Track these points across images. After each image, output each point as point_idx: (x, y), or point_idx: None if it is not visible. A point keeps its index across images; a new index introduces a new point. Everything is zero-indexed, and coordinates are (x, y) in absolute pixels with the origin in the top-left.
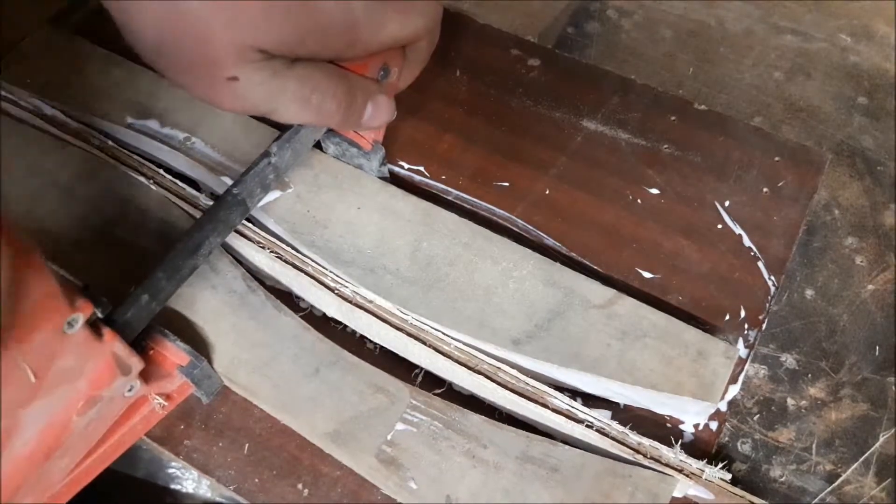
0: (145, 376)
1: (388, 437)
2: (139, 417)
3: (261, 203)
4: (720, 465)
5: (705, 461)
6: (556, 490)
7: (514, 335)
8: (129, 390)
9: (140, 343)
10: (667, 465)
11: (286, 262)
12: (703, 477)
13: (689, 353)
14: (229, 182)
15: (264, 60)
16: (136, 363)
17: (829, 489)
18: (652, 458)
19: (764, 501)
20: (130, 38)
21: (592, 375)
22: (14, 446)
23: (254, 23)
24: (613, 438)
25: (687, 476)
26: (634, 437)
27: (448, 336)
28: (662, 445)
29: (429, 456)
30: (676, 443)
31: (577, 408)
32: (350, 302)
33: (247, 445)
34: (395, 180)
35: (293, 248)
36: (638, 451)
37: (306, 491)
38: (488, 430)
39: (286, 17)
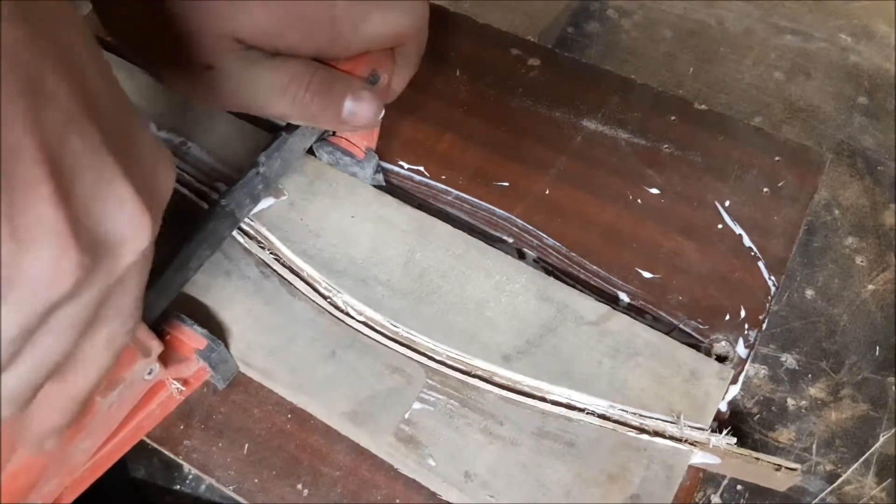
0: (163, 360)
1: (406, 416)
2: (157, 402)
3: (254, 210)
4: (725, 433)
5: (710, 430)
6: (572, 464)
7: (505, 350)
8: (149, 373)
9: (157, 328)
10: (672, 437)
11: (283, 264)
12: (711, 445)
13: (682, 372)
14: (224, 188)
15: (242, 50)
16: (156, 346)
17: (829, 489)
18: (656, 433)
19: (771, 457)
20: (112, 27)
21: (582, 394)
22: None
23: (231, 11)
24: (616, 421)
25: (693, 445)
26: (636, 419)
27: (439, 347)
28: (666, 421)
29: (446, 434)
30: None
31: (576, 398)
32: (342, 311)
33: (246, 446)
34: (395, 180)
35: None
36: (642, 430)
37: (306, 491)
38: (504, 407)
39: (265, 6)
